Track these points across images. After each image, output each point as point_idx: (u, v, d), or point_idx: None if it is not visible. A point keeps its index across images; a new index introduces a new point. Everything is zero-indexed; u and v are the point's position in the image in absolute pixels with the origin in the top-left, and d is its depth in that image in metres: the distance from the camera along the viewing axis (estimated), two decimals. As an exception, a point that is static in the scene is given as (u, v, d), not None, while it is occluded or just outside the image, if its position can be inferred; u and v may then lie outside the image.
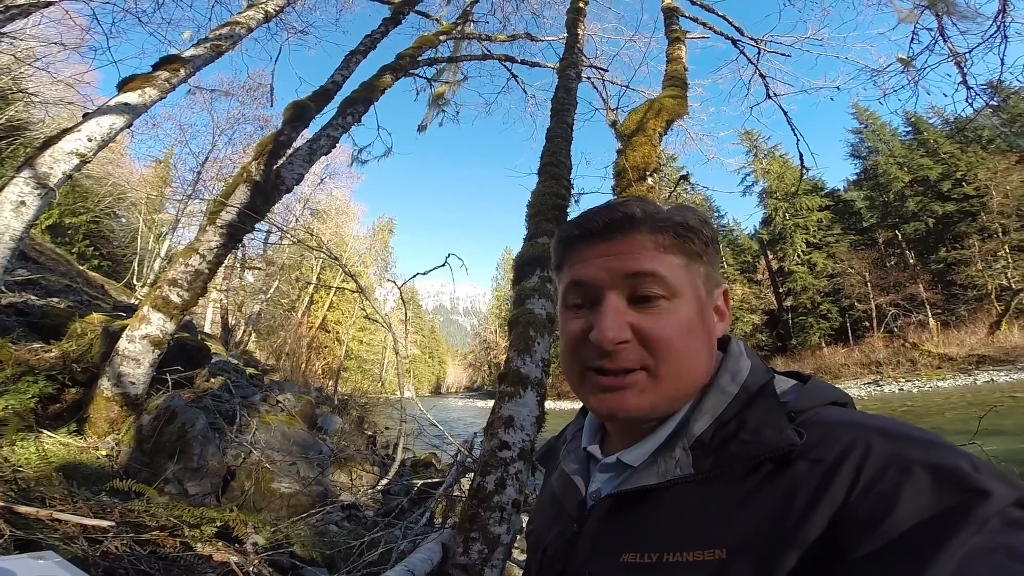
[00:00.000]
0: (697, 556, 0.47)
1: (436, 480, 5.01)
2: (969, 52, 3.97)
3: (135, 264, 21.12)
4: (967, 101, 4.11)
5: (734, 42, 6.94)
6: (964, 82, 4.09)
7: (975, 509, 0.37)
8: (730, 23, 6.81)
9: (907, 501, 0.39)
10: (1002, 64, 3.87)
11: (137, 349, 4.07)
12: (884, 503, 0.40)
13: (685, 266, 0.59)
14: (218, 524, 2.10)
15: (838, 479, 0.43)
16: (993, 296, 28.71)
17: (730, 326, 0.65)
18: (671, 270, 0.57)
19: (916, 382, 24.68)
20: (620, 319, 0.56)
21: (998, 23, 3.81)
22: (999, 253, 28.88)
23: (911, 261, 33.92)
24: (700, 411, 0.56)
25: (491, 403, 2.86)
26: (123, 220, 25.35)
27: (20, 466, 2.22)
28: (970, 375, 23.66)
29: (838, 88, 6.95)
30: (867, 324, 32.98)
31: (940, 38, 4.10)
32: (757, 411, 0.53)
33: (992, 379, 22.02)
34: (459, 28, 8.17)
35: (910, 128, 36.44)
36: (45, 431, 3.05)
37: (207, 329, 19.81)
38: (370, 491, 4.86)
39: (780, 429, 0.49)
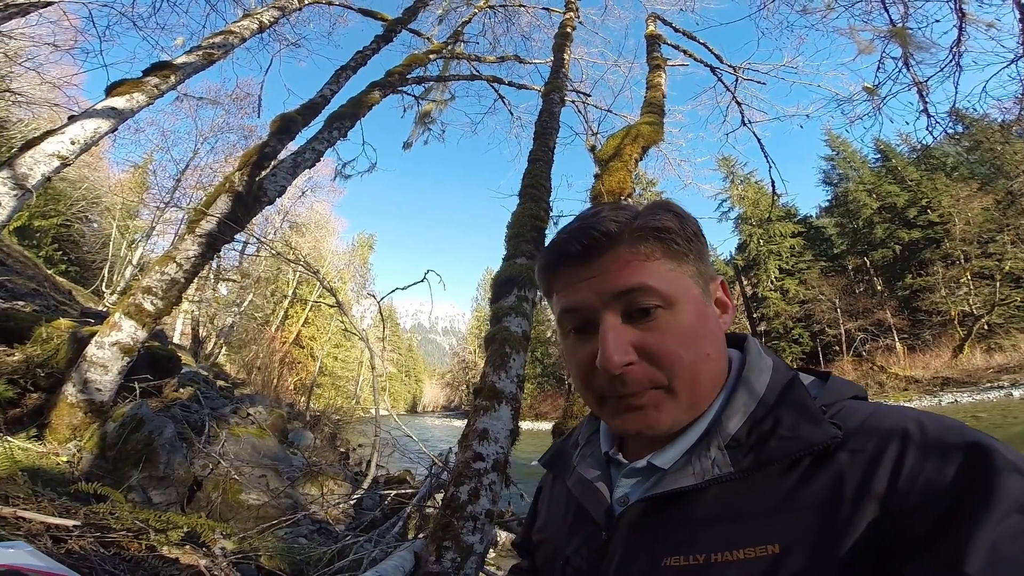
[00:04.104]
0: (748, 553, 0.46)
1: (410, 492, 4.95)
2: (927, 80, 4.21)
3: (105, 271, 20.57)
4: (927, 129, 4.35)
5: (713, 69, 7.21)
6: (925, 110, 4.32)
7: (1010, 492, 0.38)
8: (710, 50, 7.08)
9: (949, 484, 0.41)
10: (956, 92, 4.12)
11: (106, 356, 3.98)
12: (929, 487, 0.42)
13: (674, 270, 0.57)
14: (185, 529, 2.06)
15: (882, 467, 0.44)
16: (956, 321, 29.66)
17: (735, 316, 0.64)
18: (660, 278, 0.56)
19: (884, 403, 25.29)
20: (621, 341, 0.54)
21: (954, 52, 4.05)
22: (961, 280, 29.86)
23: (879, 287, 34.91)
24: (732, 410, 0.56)
25: (468, 421, 2.88)
26: (95, 225, 24.71)
27: (-21, 467, 2.16)
28: (935, 396, 24.28)
29: (808, 116, 7.26)
30: (837, 348, 33.73)
31: (904, 67, 4.33)
32: (791, 407, 0.53)
33: (956, 400, 22.64)
34: (449, 48, 8.32)
35: (879, 155, 37.58)
36: (3, 435, 2.95)
37: (177, 340, 19.29)
38: (342, 504, 4.78)
39: (818, 423, 0.50)
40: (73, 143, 3.93)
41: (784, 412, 0.53)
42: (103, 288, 19.49)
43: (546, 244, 0.71)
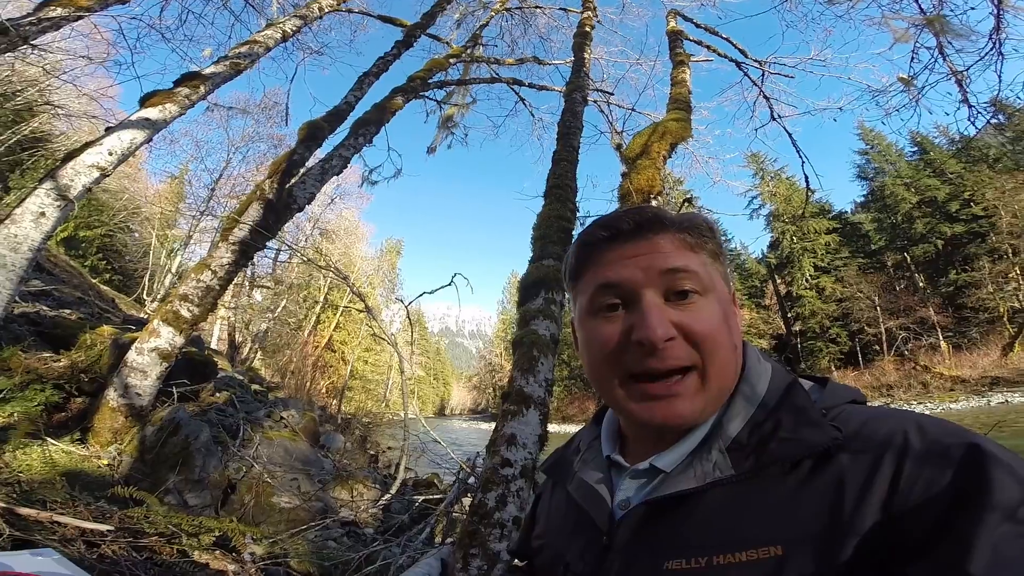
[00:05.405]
0: (751, 555, 0.46)
1: (437, 497, 4.96)
2: (967, 69, 4.02)
3: (146, 279, 21.38)
4: (969, 119, 4.14)
5: (738, 64, 7.03)
6: (965, 100, 4.12)
7: (1008, 493, 0.39)
8: (734, 45, 6.91)
9: (949, 485, 0.41)
10: (1000, 81, 3.91)
11: (145, 361, 4.11)
12: (929, 488, 0.42)
13: (710, 264, 0.60)
14: (216, 534, 2.09)
15: (883, 469, 0.45)
16: (1005, 318, 28.28)
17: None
18: (700, 267, 0.59)
19: (929, 404, 24.35)
20: (664, 316, 0.55)
21: (994, 40, 3.86)
22: (1010, 275, 28.53)
23: (921, 284, 33.56)
24: (732, 413, 0.56)
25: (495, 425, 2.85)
26: (136, 235, 25.72)
27: (22, 471, 2.24)
28: (984, 396, 23.38)
29: (841, 109, 6.99)
30: (877, 348, 32.53)
31: (940, 56, 4.15)
32: (791, 410, 0.54)
33: (1007, 400, 21.78)
34: (468, 51, 8.37)
35: (916, 148, 36.29)
36: (49, 439, 3.07)
37: (214, 345, 19.89)
38: (371, 508, 4.81)
39: (818, 426, 0.50)
40: (111, 154, 4.07)
41: (784, 415, 0.54)
42: (144, 296, 20.26)
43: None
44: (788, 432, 0.51)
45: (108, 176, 4.17)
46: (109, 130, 4.19)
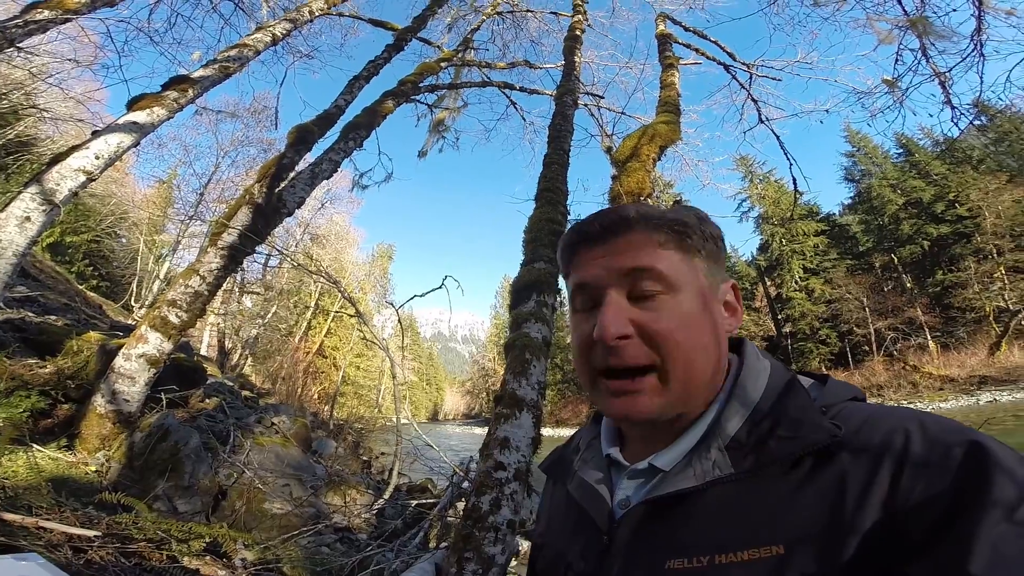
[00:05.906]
0: (752, 555, 0.46)
1: (431, 502, 4.92)
2: (950, 71, 4.10)
3: (134, 285, 21.13)
4: (952, 121, 4.22)
5: (726, 67, 7.12)
6: (948, 101, 4.21)
7: (1007, 493, 0.39)
8: (722, 48, 6.99)
9: (950, 484, 0.41)
10: (981, 82, 4.00)
11: (133, 367, 4.05)
12: (930, 487, 0.42)
13: (684, 261, 0.59)
14: (207, 540, 2.06)
15: (884, 467, 0.44)
16: (991, 318, 28.67)
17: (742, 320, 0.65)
18: (669, 265, 0.58)
19: (918, 403, 24.56)
20: (620, 314, 0.56)
21: (975, 41, 3.94)
22: (995, 275, 28.93)
23: (908, 285, 33.97)
24: (731, 411, 0.56)
25: (488, 429, 2.83)
26: (124, 241, 25.40)
27: (7, 477, 2.20)
28: (972, 395, 23.63)
29: (827, 111, 7.09)
30: (866, 348, 32.85)
31: (923, 58, 4.23)
32: (791, 407, 0.54)
33: (995, 399, 22.02)
34: (459, 55, 8.38)
35: (901, 150, 36.81)
36: (35, 445, 3.01)
37: (204, 352, 19.69)
38: (364, 513, 4.77)
39: (818, 423, 0.50)
40: (98, 158, 4.02)
41: (783, 413, 0.54)
42: (132, 302, 20.01)
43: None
44: (787, 430, 0.51)
45: (95, 180, 4.13)
46: (96, 134, 4.15)
